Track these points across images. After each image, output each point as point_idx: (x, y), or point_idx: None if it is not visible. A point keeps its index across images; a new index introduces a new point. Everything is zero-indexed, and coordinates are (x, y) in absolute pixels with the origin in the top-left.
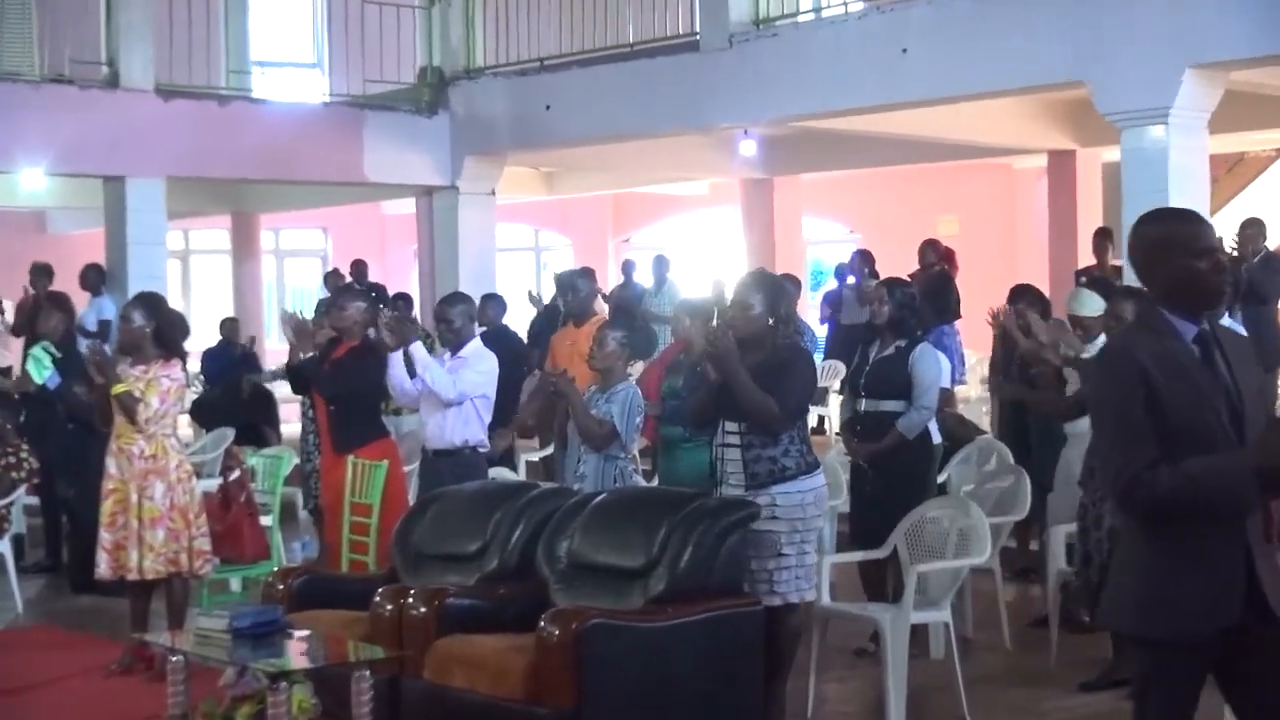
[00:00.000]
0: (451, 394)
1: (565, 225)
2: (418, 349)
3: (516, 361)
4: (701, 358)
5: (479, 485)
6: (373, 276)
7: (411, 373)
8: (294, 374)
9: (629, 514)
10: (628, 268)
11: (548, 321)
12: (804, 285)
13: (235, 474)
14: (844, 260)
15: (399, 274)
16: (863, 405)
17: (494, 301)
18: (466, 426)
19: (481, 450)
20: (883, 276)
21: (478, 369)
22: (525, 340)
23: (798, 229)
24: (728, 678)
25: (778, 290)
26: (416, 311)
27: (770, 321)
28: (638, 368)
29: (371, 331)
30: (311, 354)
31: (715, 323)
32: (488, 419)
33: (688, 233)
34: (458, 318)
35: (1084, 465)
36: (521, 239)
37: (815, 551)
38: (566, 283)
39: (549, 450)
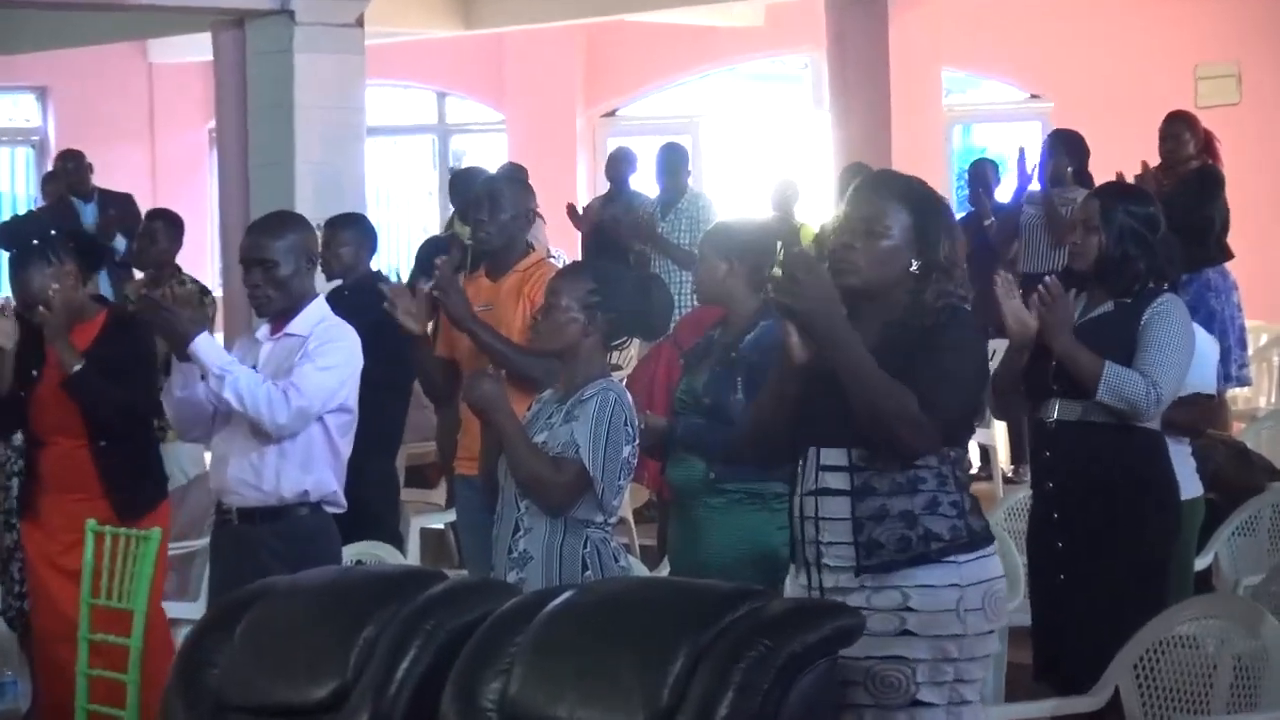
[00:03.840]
0: (282, 416)
1: (496, 88)
2: (205, 346)
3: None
4: (783, 317)
5: (332, 575)
6: (124, 178)
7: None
8: None
9: (616, 631)
10: (620, 165)
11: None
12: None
13: None
14: (984, 151)
15: (180, 175)
16: (1055, 411)
17: (352, 229)
18: (305, 467)
19: (330, 509)
20: (1092, 180)
21: (326, 361)
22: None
23: (933, 90)
24: None
25: (933, 207)
26: (209, 255)
27: (913, 265)
28: (632, 354)
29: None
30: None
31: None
32: (345, 451)
33: (723, 100)
34: (288, 259)
35: None
36: (415, 110)
37: (979, 698)
38: (484, 191)
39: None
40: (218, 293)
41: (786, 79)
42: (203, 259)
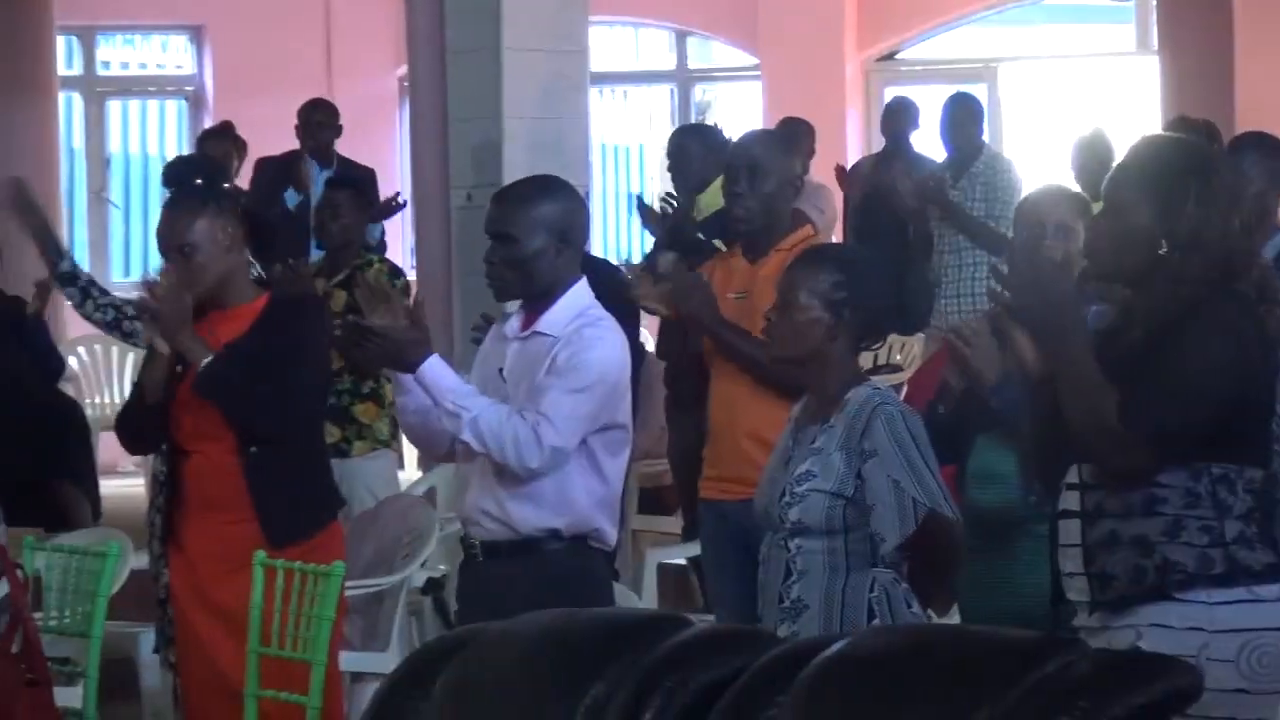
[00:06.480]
0: (533, 459)
1: (749, 26)
2: (434, 374)
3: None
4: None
5: (551, 621)
6: (294, 137)
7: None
8: (129, 416)
9: (902, 689)
10: (899, 117)
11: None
12: None
13: None
14: None
15: (363, 132)
16: None
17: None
18: (559, 502)
19: (597, 547)
20: None
21: (579, 380)
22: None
23: None
24: None
25: (1189, 169)
26: (400, 229)
27: (1155, 241)
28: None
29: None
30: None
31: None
32: (617, 475)
33: (1027, 42)
34: (532, 236)
35: None
36: (650, 54)
37: None
38: (740, 159)
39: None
40: (412, 275)
41: (1106, 15)
42: (393, 234)
